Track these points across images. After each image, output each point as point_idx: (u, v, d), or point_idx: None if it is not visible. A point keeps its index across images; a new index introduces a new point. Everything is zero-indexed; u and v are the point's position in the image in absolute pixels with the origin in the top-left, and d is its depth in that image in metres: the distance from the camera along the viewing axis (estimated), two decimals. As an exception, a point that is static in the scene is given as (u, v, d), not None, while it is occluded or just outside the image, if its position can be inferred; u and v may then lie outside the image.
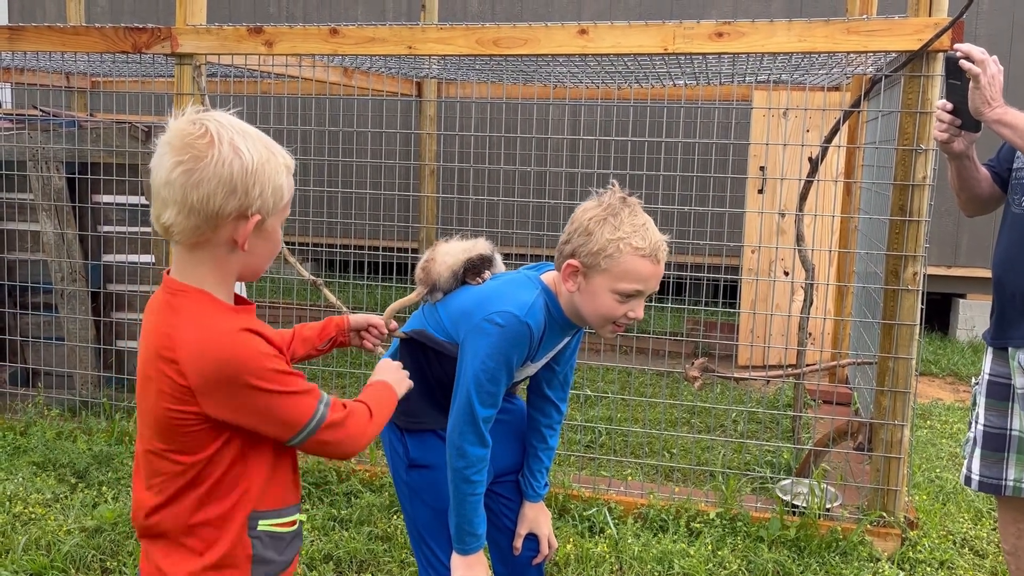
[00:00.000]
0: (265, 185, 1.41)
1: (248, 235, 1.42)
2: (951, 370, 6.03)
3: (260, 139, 1.44)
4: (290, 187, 1.48)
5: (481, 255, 2.12)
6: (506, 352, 1.89)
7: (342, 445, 1.54)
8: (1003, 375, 2.50)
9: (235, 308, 1.50)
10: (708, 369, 3.57)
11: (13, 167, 4.47)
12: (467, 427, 1.93)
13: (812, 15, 6.64)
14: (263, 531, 1.50)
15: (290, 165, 1.48)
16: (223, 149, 1.37)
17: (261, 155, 1.41)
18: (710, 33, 3.24)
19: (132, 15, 8.47)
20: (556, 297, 1.98)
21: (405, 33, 3.57)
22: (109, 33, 3.94)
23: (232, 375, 1.40)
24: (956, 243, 6.84)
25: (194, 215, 1.38)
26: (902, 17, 3.14)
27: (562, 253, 1.93)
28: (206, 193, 1.37)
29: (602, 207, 1.90)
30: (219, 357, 1.40)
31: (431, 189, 6.49)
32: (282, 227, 1.52)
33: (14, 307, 4.60)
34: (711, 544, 3.21)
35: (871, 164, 4.49)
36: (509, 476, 2.25)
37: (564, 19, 7.32)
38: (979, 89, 2.27)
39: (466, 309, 1.99)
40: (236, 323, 1.44)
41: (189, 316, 1.43)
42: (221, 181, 1.37)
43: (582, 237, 1.89)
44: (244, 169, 1.38)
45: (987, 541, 3.41)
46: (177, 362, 1.40)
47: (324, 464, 3.69)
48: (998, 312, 2.51)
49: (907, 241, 3.21)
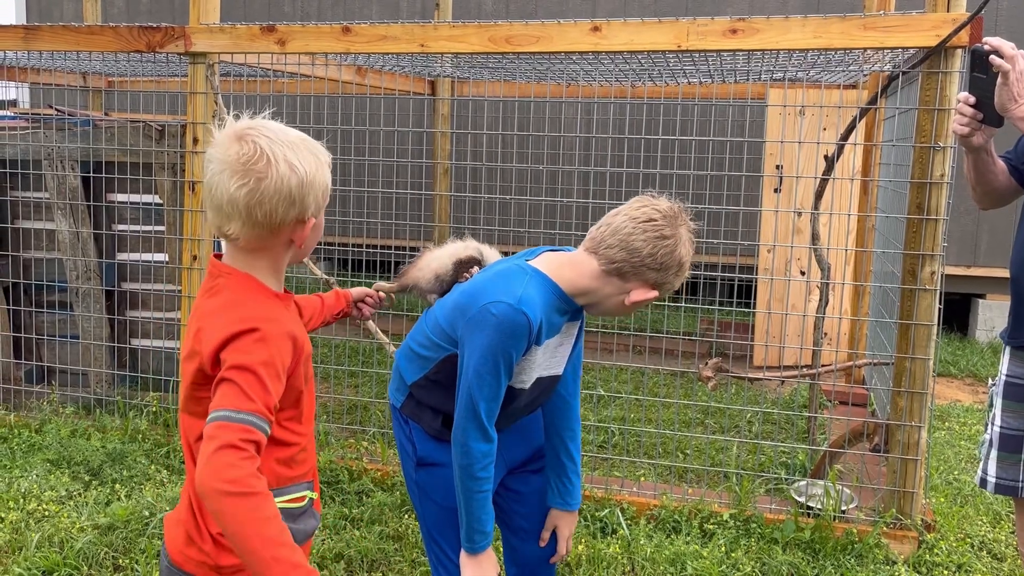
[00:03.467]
0: (317, 190, 1.53)
1: (304, 236, 1.56)
2: (970, 371, 5.97)
3: (305, 146, 1.53)
4: (330, 182, 1.59)
5: (471, 257, 2.12)
6: (504, 343, 1.86)
7: (206, 463, 1.35)
8: (1021, 376, 2.45)
9: (278, 294, 1.59)
10: (722, 369, 3.54)
11: (29, 166, 4.49)
12: (470, 423, 1.91)
13: (829, 12, 6.59)
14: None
15: (329, 162, 1.59)
16: (280, 168, 1.48)
17: (311, 165, 1.52)
18: (724, 30, 3.21)
19: (148, 15, 8.52)
20: (552, 281, 1.95)
21: (417, 31, 3.56)
22: (123, 32, 3.95)
23: (234, 346, 1.45)
24: (976, 243, 6.76)
25: (258, 227, 1.51)
26: (920, 13, 3.10)
27: (620, 268, 1.92)
28: (269, 209, 1.49)
29: (660, 221, 1.91)
30: (235, 329, 1.46)
31: (445, 188, 6.48)
32: None
33: (29, 305, 4.63)
34: (725, 546, 3.18)
35: (888, 162, 4.44)
36: (520, 468, 2.23)
37: (578, 17, 7.30)
38: (1007, 85, 2.23)
39: (460, 304, 1.97)
40: (272, 311, 1.53)
41: (228, 296, 1.53)
42: (282, 197, 1.49)
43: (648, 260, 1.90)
44: (301, 183, 1.50)
45: (1005, 544, 3.36)
46: (202, 329, 1.50)
47: (336, 463, 3.69)
48: (1016, 311, 2.47)
49: (925, 240, 3.17)
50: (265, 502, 1.35)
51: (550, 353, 2.02)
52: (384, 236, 6.94)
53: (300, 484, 1.62)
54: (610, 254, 1.91)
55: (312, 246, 1.64)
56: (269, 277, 1.57)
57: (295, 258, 1.63)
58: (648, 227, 1.89)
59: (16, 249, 4.65)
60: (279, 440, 1.57)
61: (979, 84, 2.30)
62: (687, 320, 6.86)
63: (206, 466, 1.34)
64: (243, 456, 1.35)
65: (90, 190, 4.52)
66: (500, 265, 2.05)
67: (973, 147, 2.42)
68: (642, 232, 1.89)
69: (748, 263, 6.62)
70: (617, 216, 1.94)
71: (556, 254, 2.04)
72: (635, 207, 1.93)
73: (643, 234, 1.88)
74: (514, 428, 2.18)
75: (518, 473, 2.24)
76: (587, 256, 1.95)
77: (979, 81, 2.29)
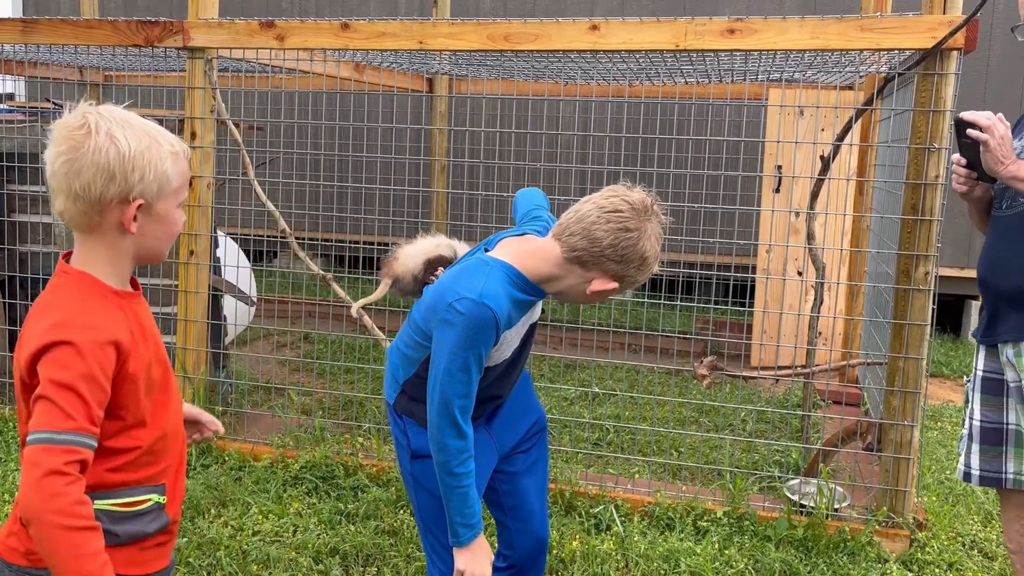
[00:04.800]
0: (146, 170, 1.48)
1: (131, 219, 1.49)
2: (962, 372, 5.99)
3: (143, 128, 1.50)
4: (181, 172, 1.54)
5: (441, 256, 2.14)
6: (472, 339, 1.88)
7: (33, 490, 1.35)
8: (995, 371, 2.55)
9: (116, 292, 1.54)
10: (717, 368, 3.55)
11: (26, 159, 4.49)
12: (443, 420, 1.93)
13: (826, 13, 6.60)
14: (99, 510, 1.48)
15: (179, 151, 1.54)
16: (99, 139, 1.45)
17: (140, 143, 1.48)
18: (722, 30, 3.22)
19: (146, 10, 8.50)
20: (516, 269, 1.96)
21: (416, 28, 3.57)
22: (122, 27, 3.95)
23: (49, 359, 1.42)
24: (969, 244, 6.79)
25: (80, 202, 1.47)
26: (916, 15, 3.12)
27: (580, 256, 1.92)
28: (87, 181, 1.45)
29: (632, 218, 1.90)
30: (48, 339, 1.42)
31: (441, 185, 6.49)
32: (180, 208, 1.58)
33: (25, 299, 4.62)
34: (718, 543, 3.20)
35: (884, 163, 4.46)
36: (510, 452, 2.28)
37: (576, 15, 7.30)
38: (990, 151, 2.33)
39: (430, 305, 2.00)
40: (94, 317, 1.47)
41: (51, 297, 1.50)
42: (99, 169, 1.45)
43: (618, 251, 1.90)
44: (121, 156, 1.45)
45: (996, 543, 3.38)
46: (22, 334, 1.48)
47: (331, 458, 3.70)
48: (987, 311, 2.57)
49: (919, 240, 3.19)
50: (88, 539, 1.37)
51: (520, 328, 2.06)
52: (381, 233, 6.94)
53: (139, 488, 1.55)
54: (572, 242, 1.90)
55: (160, 241, 1.57)
56: (108, 271, 1.53)
57: (142, 252, 1.56)
58: (613, 217, 1.87)
59: (12, 243, 4.65)
60: (110, 449, 1.51)
61: (967, 148, 2.41)
62: (682, 319, 6.88)
63: (34, 493, 1.34)
64: (68, 482, 1.36)
65: (87, 184, 4.52)
66: (463, 260, 2.07)
67: (974, 199, 2.54)
68: (605, 222, 1.87)
69: (743, 263, 6.65)
70: (586, 204, 1.93)
71: (519, 239, 2.04)
72: (605, 196, 1.92)
73: (606, 224, 1.87)
74: (505, 418, 2.21)
75: (508, 456, 2.29)
76: (552, 242, 1.95)
77: (966, 145, 2.40)
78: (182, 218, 1.60)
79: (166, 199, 1.53)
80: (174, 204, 1.56)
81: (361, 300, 2.25)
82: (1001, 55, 6.61)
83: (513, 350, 2.06)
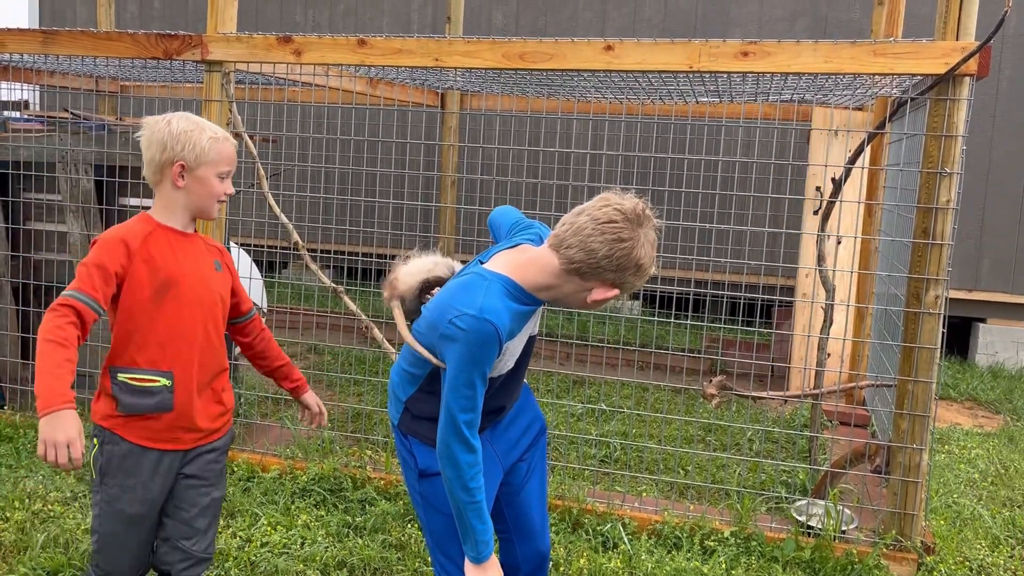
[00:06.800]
0: (186, 144, 2.16)
1: (177, 175, 2.19)
2: (970, 395, 5.98)
3: (196, 121, 2.20)
4: (219, 151, 2.20)
5: (439, 277, 2.17)
6: (474, 354, 1.90)
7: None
8: None
9: (164, 227, 2.22)
10: (726, 387, 3.56)
11: (43, 168, 4.53)
12: (451, 435, 1.94)
13: (836, 37, 6.65)
14: (121, 380, 2.18)
15: (219, 136, 2.21)
16: (161, 125, 2.19)
17: (185, 127, 2.18)
18: (736, 52, 3.25)
19: (162, 20, 8.58)
20: (514, 281, 1.98)
21: (432, 46, 3.61)
22: (141, 39, 4.00)
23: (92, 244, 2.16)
24: (977, 267, 6.79)
25: (149, 166, 2.22)
26: (929, 40, 3.14)
27: (579, 268, 1.94)
28: (152, 153, 2.20)
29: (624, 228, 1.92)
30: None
31: (451, 200, 6.52)
32: (227, 182, 2.24)
33: (39, 307, 4.65)
34: (725, 563, 3.20)
35: (893, 186, 4.47)
36: (513, 466, 2.29)
37: (588, 34, 7.36)
38: None
39: (431, 322, 2.02)
40: (122, 228, 2.18)
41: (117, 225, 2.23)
42: (155, 142, 2.19)
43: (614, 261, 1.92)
44: (171, 134, 2.17)
45: (1004, 568, 3.37)
46: None
47: (339, 471, 3.71)
48: None
49: (930, 264, 3.20)
50: (55, 348, 1.96)
51: (521, 338, 2.08)
52: (392, 246, 6.97)
53: (147, 370, 2.16)
54: (570, 254, 1.93)
55: (203, 198, 2.21)
56: (165, 216, 2.23)
57: (191, 206, 2.22)
58: (608, 228, 1.90)
59: (27, 250, 4.69)
60: (126, 334, 2.16)
61: None
62: (691, 337, 6.88)
63: (41, 323, 2.01)
64: (58, 315, 2.01)
65: (103, 194, 4.56)
66: (460, 276, 2.09)
67: None
68: (600, 234, 1.90)
69: (752, 282, 6.66)
70: (580, 216, 1.95)
71: (514, 251, 2.06)
72: (598, 206, 1.94)
73: (601, 236, 1.89)
74: (505, 434, 2.23)
75: (510, 467, 2.30)
76: (550, 253, 1.97)
77: None
78: (228, 189, 2.24)
79: (205, 167, 2.19)
80: (213, 173, 2.20)
81: (400, 329, 2.29)
82: (1011, 78, 6.63)
83: (515, 360, 2.08)
